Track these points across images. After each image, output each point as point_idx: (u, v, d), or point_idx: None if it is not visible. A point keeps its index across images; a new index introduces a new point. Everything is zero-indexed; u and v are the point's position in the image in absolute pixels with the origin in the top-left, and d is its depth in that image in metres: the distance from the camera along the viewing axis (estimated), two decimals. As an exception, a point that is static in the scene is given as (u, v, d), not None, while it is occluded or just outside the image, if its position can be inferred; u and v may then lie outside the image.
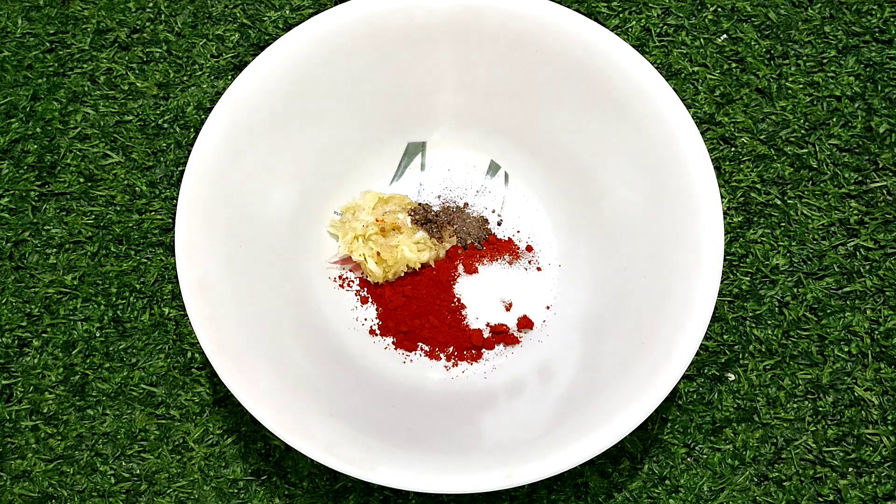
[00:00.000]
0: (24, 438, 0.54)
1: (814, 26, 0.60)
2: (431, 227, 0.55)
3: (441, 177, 0.58)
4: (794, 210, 0.57)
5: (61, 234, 0.58)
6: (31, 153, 0.59)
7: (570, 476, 0.53)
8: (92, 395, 0.55)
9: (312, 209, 0.56)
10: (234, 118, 0.52)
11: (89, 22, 0.61)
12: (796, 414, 0.53)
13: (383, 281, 0.55)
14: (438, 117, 0.57)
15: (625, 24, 0.60)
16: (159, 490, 0.53)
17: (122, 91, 0.60)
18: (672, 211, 0.51)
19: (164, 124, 0.59)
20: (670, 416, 0.53)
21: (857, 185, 0.57)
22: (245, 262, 0.51)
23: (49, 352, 0.55)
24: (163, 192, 0.58)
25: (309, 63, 0.53)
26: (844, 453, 0.53)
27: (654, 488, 0.52)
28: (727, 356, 0.54)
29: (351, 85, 0.54)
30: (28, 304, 0.56)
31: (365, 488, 0.53)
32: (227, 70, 0.60)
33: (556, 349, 0.53)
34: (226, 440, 0.54)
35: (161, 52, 0.61)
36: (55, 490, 0.53)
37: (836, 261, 0.56)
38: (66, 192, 0.58)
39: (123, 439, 0.54)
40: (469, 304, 0.55)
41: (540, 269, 0.56)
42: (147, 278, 0.57)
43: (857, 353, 0.54)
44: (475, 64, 0.54)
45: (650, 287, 0.51)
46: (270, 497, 0.53)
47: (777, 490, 0.52)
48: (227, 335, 0.49)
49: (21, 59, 0.61)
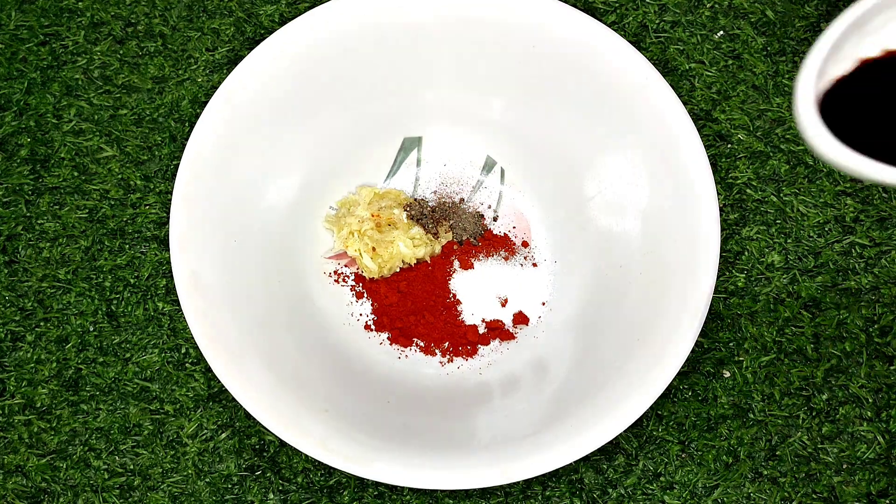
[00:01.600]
0: (17, 433, 0.54)
1: (811, 23, 0.60)
2: (427, 222, 0.55)
3: (437, 172, 0.58)
4: (790, 207, 0.57)
5: (55, 227, 0.57)
6: (25, 147, 0.59)
7: (565, 472, 0.53)
8: (85, 389, 0.54)
9: (308, 204, 0.56)
10: (229, 112, 0.52)
11: (83, 15, 0.61)
12: (791, 411, 0.54)
13: (378, 276, 0.55)
14: (435, 112, 0.56)
15: (622, 19, 0.60)
16: (153, 485, 0.53)
17: (116, 85, 0.60)
18: (669, 208, 0.51)
19: (159, 118, 0.59)
20: (665, 413, 0.54)
21: (853, 183, 0.57)
22: (240, 256, 0.51)
23: (42, 346, 0.55)
24: (157, 187, 0.58)
25: (304, 57, 0.52)
26: (839, 450, 0.53)
27: (649, 485, 0.52)
28: (722, 353, 0.54)
29: (347, 79, 0.54)
30: (21, 298, 0.56)
31: (359, 484, 0.52)
32: (223, 64, 0.60)
33: (551, 345, 0.53)
34: (220, 435, 0.53)
35: (156, 45, 0.60)
36: (48, 485, 0.53)
37: (832, 258, 0.56)
38: (59, 185, 0.58)
39: (117, 434, 0.54)
40: (464, 300, 0.55)
41: (536, 265, 0.56)
42: (141, 273, 0.56)
43: (851, 350, 0.54)
44: (472, 59, 0.54)
45: (646, 283, 0.51)
46: (265, 492, 0.52)
47: (771, 487, 0.52)
48: (221, 330, 0.49)
49: (14, 52, 0.60)
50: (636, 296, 0.51)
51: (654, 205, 0.52)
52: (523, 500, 0.52)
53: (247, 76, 0.52)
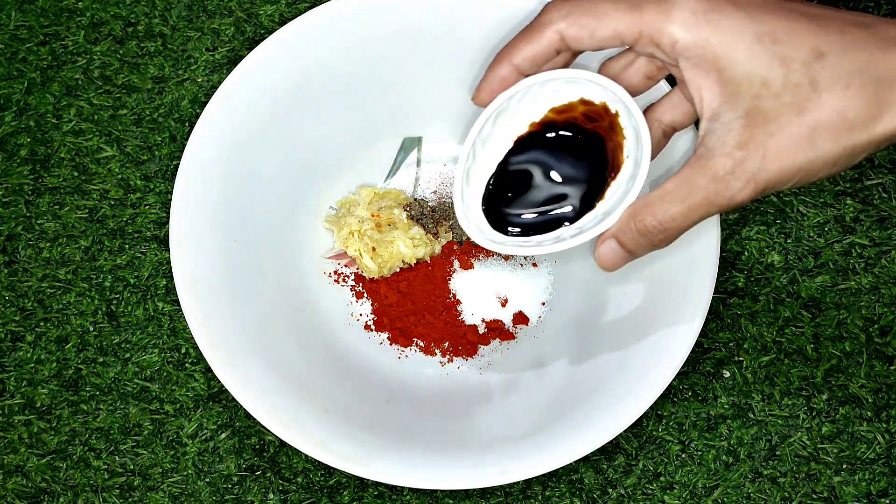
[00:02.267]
0: (17, 433, 0.54)
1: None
2: (427, 222, 0.55)
3: (437, 172, 0.58)
4: (790, 207, 0.57)
5: (55, 227, 0.57)
6: (25, 146, 0.59)
7: (565, 472, 0.53)
8: (85, 389, 0.54)
9: (308, 204, 0.56)
10: (229, 112, 0.52)
11: (83, 15, 0.61)
12: (791, 411, 0.54)
13: (378, 276, 0.55)
14: (435, 112, 0.56)
15: (621, 20, 0.60)
16: (153, 485, 0.53)
17: (116, 85, 0.60)
18: (668, 207, 0.51)
19: (159, 118, 0.59)
20: (665, 413, 0.54)
21: (853, 183, 0.57)
22: (240, 256, 0.51)
23: (42, 346, 0.55)
24: (157, 187, 0.58)
25: (304, 57, 0.52)
26: (839, 450, 0.53)
27: (649, 485, 0.52)
28: (722, 353, 0.54)
29: (347, 79, 0.54)
30: (21, 298, 0.56)
31: (359, 484, 0.52)
32: (223, 64, 0.60)
33: (551, 345, 0.53)
34: (220, 435, 0.53)
35: (156, 45, 0.60)
36: (48, 485, 0.53)
37: (832, 258, 0.56)
38: (59, 185, 0.58)
39: (117, 434, 0.54)
40: (464, 300, 0.55)
41: (535, 265, 0.56)
42: (141, 273, 0.56)
43: (851, 350, 0.54)
44: (472, 59, 0.54)
45: (646, 283, 0.51)
46: (264, 492, 0.52)
47: (771, 487, 0.52)
48: (221, 330, 0.49)
49: (14, 52, 0.60)
50: (636, 295, 0.51)
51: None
52: (523, 500, 0.52)
53: (247, 76, 0.52)
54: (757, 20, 0.37)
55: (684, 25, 0.37)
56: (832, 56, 0.36)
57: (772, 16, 0.37)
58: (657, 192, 0.39)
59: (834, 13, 0.37)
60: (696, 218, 0.39)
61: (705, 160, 0.38)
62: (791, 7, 0.37)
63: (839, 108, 0.36)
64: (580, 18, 0.38)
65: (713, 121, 0.38)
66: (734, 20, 0.37)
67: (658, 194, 0.39)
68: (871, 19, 0.37)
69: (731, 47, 0.36)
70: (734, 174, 0.37)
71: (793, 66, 0.36)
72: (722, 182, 0.37)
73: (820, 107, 0.36)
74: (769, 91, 0.36)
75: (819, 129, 0.36)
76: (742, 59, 0.36)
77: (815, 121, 0.36)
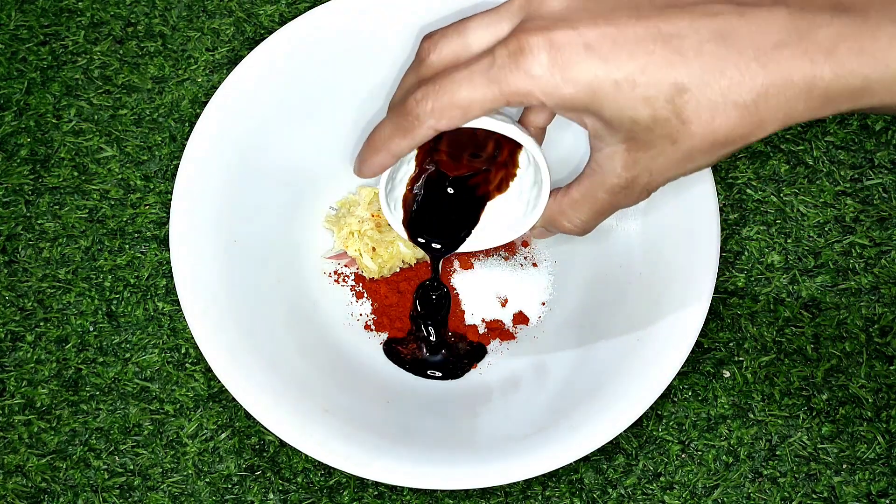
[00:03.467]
0: (17, 433, 0.54)
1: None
2: (427, 222, 0.55)
3: (437, 172, 0.58)
4: (790, 207, 0.57)
5: (55, 227, 0.57)
6: (25, 147, 0.59)
7: (565, 472, 0.53)
8: (85, 389, 0.54)
9: (308, 204, 0.56)
10: (228, 112, 0.52)
11: (83, 15, 0.61)
12: (791, 411, 0.54)
13: (378, 276, 0.55)
14: (434, 112, 0.56)
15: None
16: (153, 485, 0.53)
17: (116, 85, 0.60)
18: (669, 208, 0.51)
19: (159, 118, 0.59)
20: (665, 413, 0.54)
21: (853, 183, 0.57)
22: (239, 256, 0.51)
23: (42, 346, 0.55)
24: (157, 187, 0.58)
25: (305, 57, 0.52)
26: (839, 450, 0.53)
27: (649, 484, 0.52)
28: (722, 353, 0.54)
29: (347, 79, 0.54)
30: (21, 298, 0.56)
31: (359, 484, 0.52)
32: (223, 64, 0.60)
33: (551, 345, 0.53)
34: (220, 435, 0.53)
35: (156, 45, 0.60)
36: (48, 485, 0.53)
37: (832, 258, 0.56)
38: (59, 185, 0.58)
39: (117, 434, 0.54)
40: (464, 300, 0.55)
41: (536, 265, 0.56)
42: (141, 273, 0.56)
43: (851, 350, 0.54)
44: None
45: (646, 283, 0.51)
46: (264, 493, 0.52)
47: (771, 487, 0.52)
48: (221, 330, 0.49)
49: (14, 52, 0.60)
50: (636, 296, 0.51)
51: (654, 205, 0.52)
52: (523, 500, 0.52)
53: (246, 76, 0.52)
54: (610, 64, 0.36)
55: (544, 88, 0.37)
56: (694, 89, 0.36)
57: (626, 55, 0.36)
58: (567, 201, 0.43)
59: (689, 25, 0.36)
60: (605, 217, 0.43)
61: (600, 177, 0.41)
62: (644, 33, 0.36)
63: (709, 136, 0.37)
64: (446, 111, 0.39)
65: (598, 139, 0.40)
66: (589, 70, 0.36)
67: (568, 203, 0.43)
68: (725, 17, 0.36)
69: (592, 98, 0.37)
70: (629, 188, 0.41)
71: (657, 104, 0.36)
72: (620, 194, 0.41)
73: (691, 136, 0.37)
74: (640, 127, 0.37)
75: (694, 152, 0.38)
76: (606, 106, 0.37)
77: (689, 147, 0.38)
